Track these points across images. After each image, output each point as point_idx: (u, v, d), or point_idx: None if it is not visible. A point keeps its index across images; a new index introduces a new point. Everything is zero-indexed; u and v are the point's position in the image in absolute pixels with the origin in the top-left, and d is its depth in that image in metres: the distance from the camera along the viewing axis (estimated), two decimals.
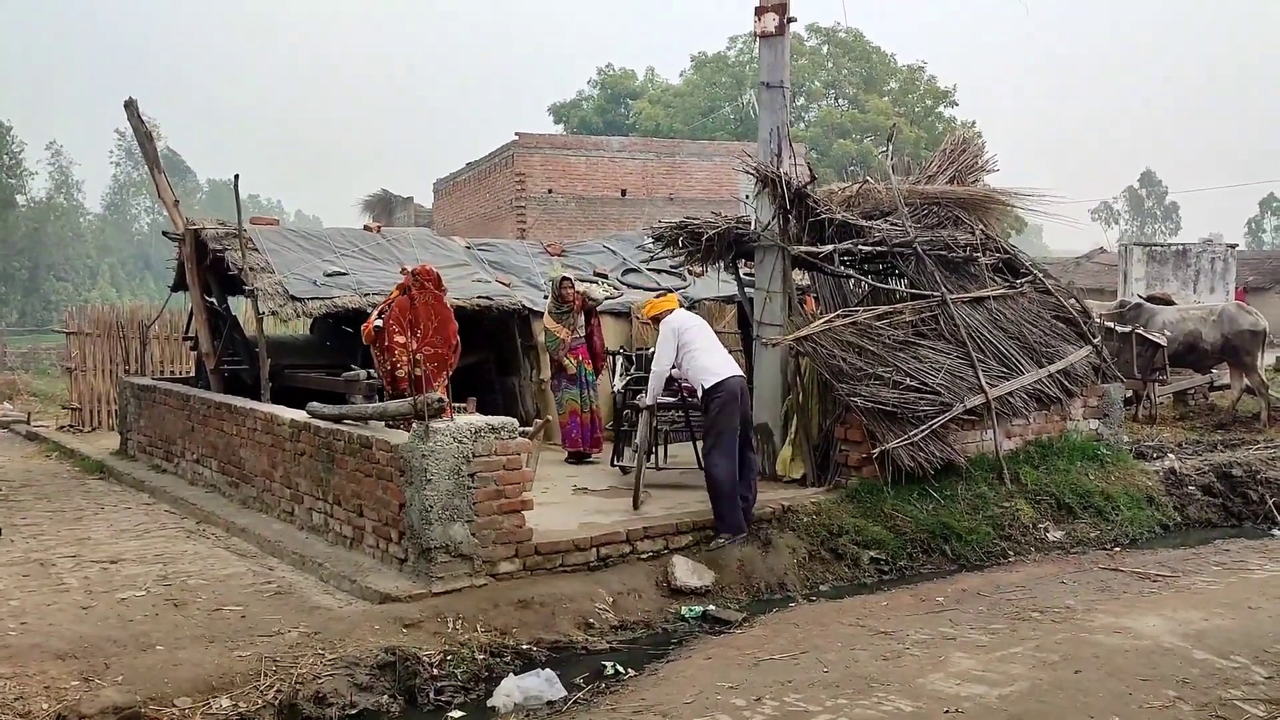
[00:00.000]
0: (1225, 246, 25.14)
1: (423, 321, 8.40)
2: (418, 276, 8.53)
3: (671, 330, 8.11)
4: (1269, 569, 8.16)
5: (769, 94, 9.58)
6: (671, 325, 8.15)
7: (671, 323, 8.18)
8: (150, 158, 11.78)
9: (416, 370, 8.03)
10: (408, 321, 8.39)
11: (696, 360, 8.02)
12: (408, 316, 8.40)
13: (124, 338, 15.35)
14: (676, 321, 8.20)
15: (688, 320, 8.31)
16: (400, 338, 8.36)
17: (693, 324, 8.27)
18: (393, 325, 8.40)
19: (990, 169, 10.92)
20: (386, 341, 8.41)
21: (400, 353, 8.33)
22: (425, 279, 8.53)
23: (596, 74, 51.05)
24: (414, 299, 8.43)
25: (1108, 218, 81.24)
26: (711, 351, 8.11)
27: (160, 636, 6.15)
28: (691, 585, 7.44)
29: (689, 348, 8.05)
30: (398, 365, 8.36)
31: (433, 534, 6.84)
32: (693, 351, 8.04)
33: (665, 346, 8.11)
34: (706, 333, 8.29)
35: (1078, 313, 10.69)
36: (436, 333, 8.47)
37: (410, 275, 8.60)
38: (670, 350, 8.08)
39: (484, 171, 26.73)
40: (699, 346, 8.07)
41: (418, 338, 8.36)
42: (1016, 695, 5.51)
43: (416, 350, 8.21)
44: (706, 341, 8.17)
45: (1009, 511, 9.08)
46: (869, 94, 43.68)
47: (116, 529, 9.07)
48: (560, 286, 10.72)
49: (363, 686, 5.75)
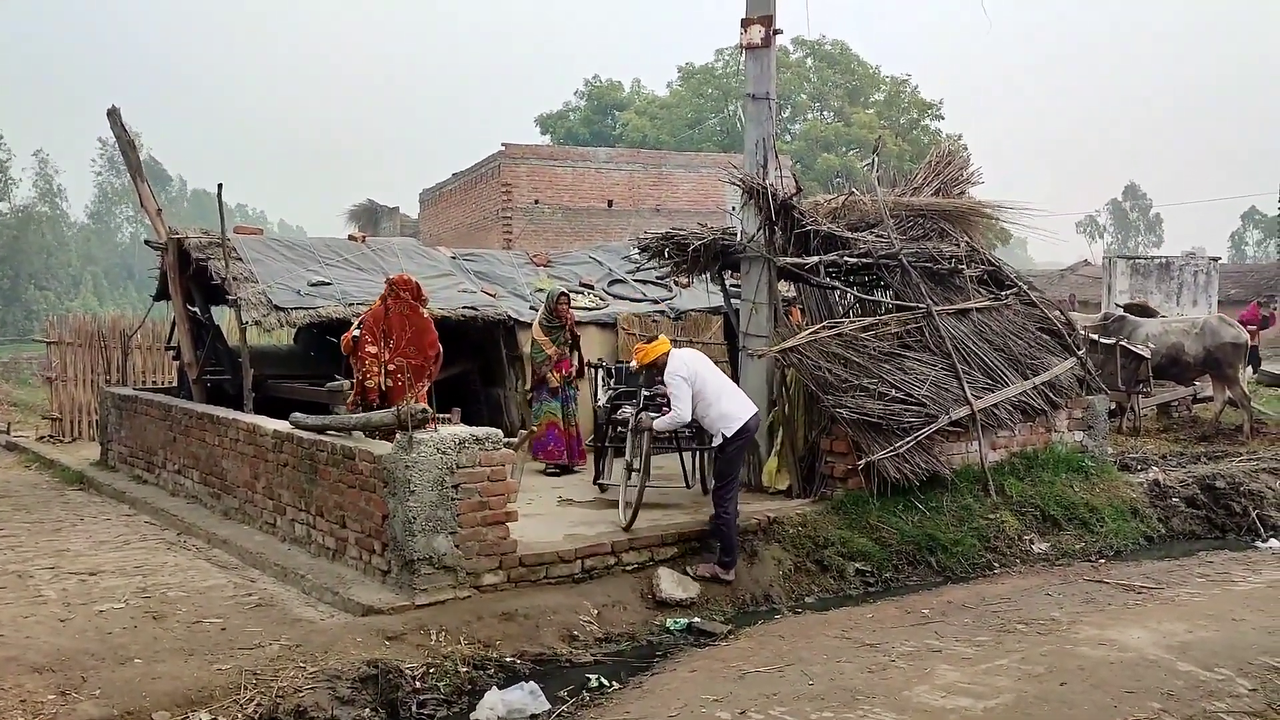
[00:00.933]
0: (1208, 259, 25.31)
1: (395, 331, 8.34)
2: (394, 285, 8.49)
3: (684, 380, 7.72)
4: (1252, 581, 8.18)
5: (755, 106, 9.59)
6: (682, 375, 7.74)
7: (680, 371, 7.77)
8: (133, 166, 11.71)
9: (386, 381, 7.99)
10: (380, 331, 8.35)
11: (715, 408, 7.75)
12: (381, 326, 8.36)
13: (105, 347, 15.22)
14: (686, 369, 7.79)
15: (695, 364, 7.89)
16: (371, 348, 8.31)
17: (702, 368, 7.89)
18: (365, 335, 8.36)
19: (975, 181, 10.96)
20: (359, 351, 8.37)
21: (370, 362, 8.29)
22: (402, 288, 8.48)
23: (583, 85, 51.18)
24: (389, 308, 8.40)
25: (1092, 231, 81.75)
26: (727, 394, 7.88)
27: (139, 649, 6.08)
28: (676, 597, 7.41)
29: (703, 396, 7.74)
30: (367, 375, 8.30)
31: (416, 546, 6.79)
32: (708, 399, 7.75)
33: (682, 397, 7.71)
34: (715, 372, 8.00)
35: (1062, 325, 10.72)
36: (411, 342, 8.39)
37: (387, 284, 8.57)
38: (687, 402, 7.70)
39: (470, 182, 26.68)
40: (713, 391, 7.79)
41: (390, 347, 8.31)
42: (1002, 708, 5.49)
43: (389, 360, 8.16)
44: (719, 383, 7.91)
45: (994, 523, 9.09)
46: (854, 107, 43.88)
47: (96, 540, 8.97)
48: (557, 303, 10.60)
49: (344, 700, 5.69)
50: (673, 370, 7.81)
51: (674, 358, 7.90)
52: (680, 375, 7.76)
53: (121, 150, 11.75)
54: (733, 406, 7.80)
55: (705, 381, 7.78)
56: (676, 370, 7.80)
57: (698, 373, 7.80)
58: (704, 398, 7.75)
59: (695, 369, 7.82)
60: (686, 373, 7.76)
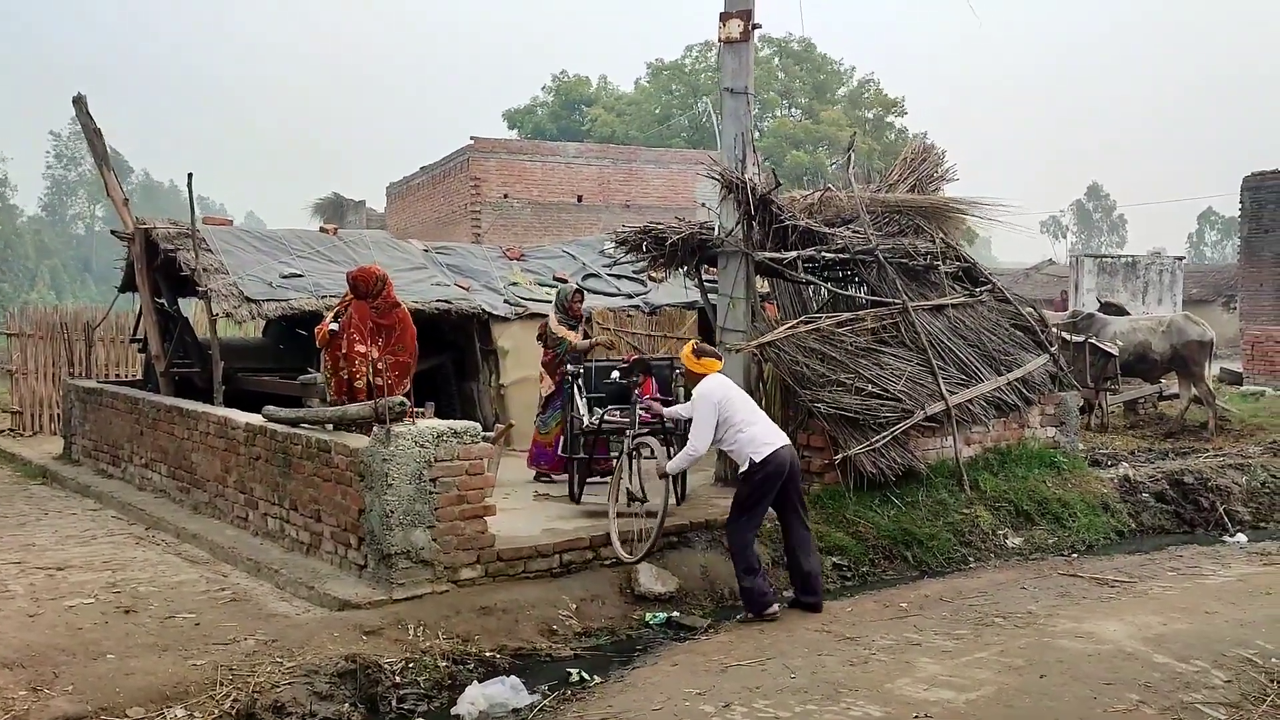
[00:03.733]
0: (1173, 259, 25.69)
1: (385, 329, 8.20)
2: (380, 280, 8.28)
3: (713, 405, 7.15)
4: (1222, 575, 8.28)
5: (733, 100, 9.57)
6: (712, 399, 7.17)
7: (712, 395, 7.19)
8: (99, 154, 11.49)
9: (377, 380, 7.85)
10: (369, 329, 8.18)
11: (744, 433, 7.14)
12: (369, 323, 8.19)
13: (68, 340, 14.95)
14: (718, 394, 7.21)
15: (728, 389, 7.34)
16: (361, 346, 8.13)
17: (734, 394, 7.35)
18: (353, 334, 8.17)
19: (950, 178, 11.02)
20: (345, 350, 8.16)
21: (360, 362, 8.10)
22: (381, 281, 8.27)
23: (551, 80, 51.01)
24: (377, 305, 8.21)
25: (1056, 231, 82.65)
26: (757, 420, 7.30)
27: (111, 645, 5.96)
28: (656, 592, 7.39)
29: (730, 422, 7.15)
30: (356, 375, 8.11)
31: (393, 540, 6.72)
32: (735, 424, 7.15)
33: (704, 422, 7.14)
34: (745, 399, 7.50)
35: (1035, 321, 10.81)
36: (398, 340, 8.27)
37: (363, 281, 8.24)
38: (709, 427, 7.14)
39: (438, 176, 26.50)
40: (743, 418, 7.20)
41: (379, 345, 8.16)
42: (984, 700, 5.51)
43: (378, 359, 8.00)
44: (748, 409, 7.35)
45: (969, 518, 9.15)
46: (821, 104, 44.06)
47: (62, 535, 8.80)
48: (571, 300, 10.18)
49: (323, 695, 5.62)
50: (703, 393, 7.24)
51: (707, 381, 7.32)
52: (710, 400, 7.19)
53: (87, 138, 11.54)
54: (760, 431, 7.19)
55: (734, 406, 7.22)
56: (707, 394, 7.23)
57: (729, 396, 7.25)
58: (729, 424, 7.15)
59: (727, 393, 7.27)
60: (717, 397, 7.20)
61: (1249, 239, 25.96)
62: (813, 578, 7.27)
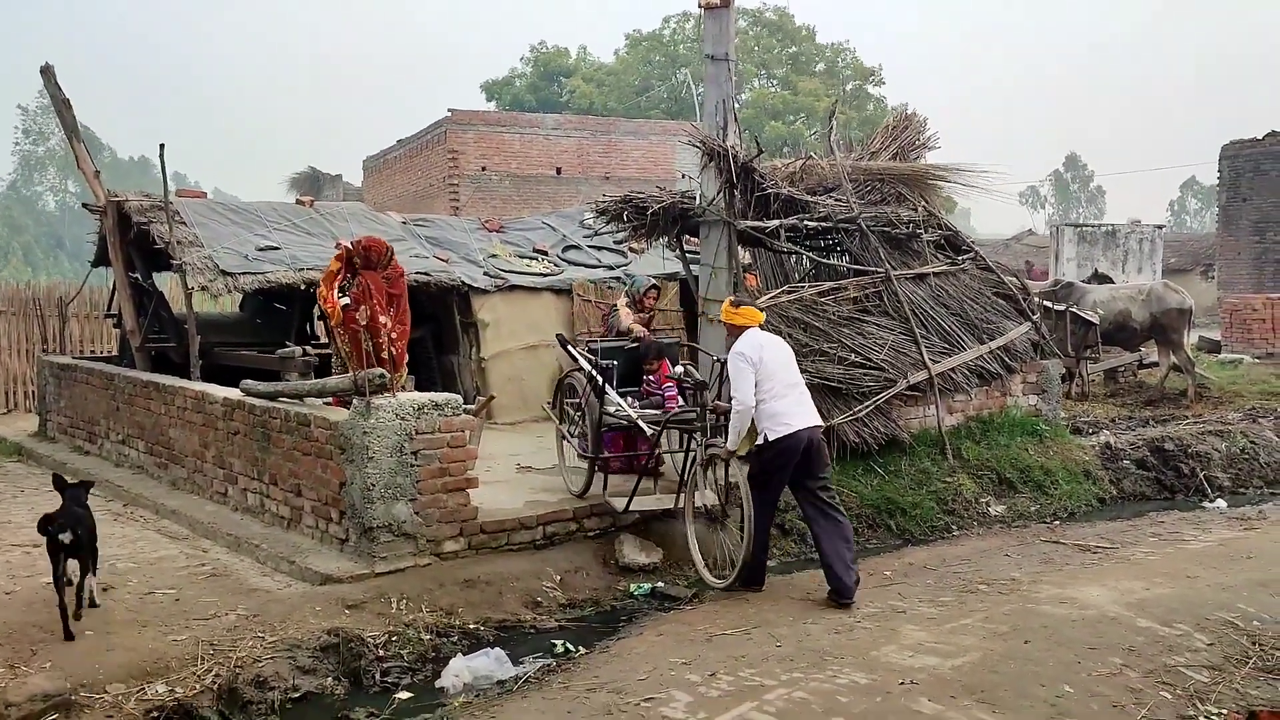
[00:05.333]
0: (1153, 228, 25.77)
1: (397, 299, 8.10)
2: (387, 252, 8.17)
3: (748, 363, 6.65)
4: (1203, 540, 8.33)
5: (714, 66, 9.45)
6: (748, 356, 6.66)
7: (747, 353, 6.68)
8: (69, 126, 11.28)
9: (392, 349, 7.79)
10: (382, 299, 7.97)
11: (767, 404, 6.66)
12: (384, 293, 8.01)
13: (41, 315, 14.75)
14: (753, 352, 6.70)
15: (764, 349, 6.80)
16: (384, 317, 7.95)
17: (770, 355, 6.78)
18: (375, 304, 7.95)
19: (932, 146, 10.96)
20: (368, 321, 7.88)
21: (383, 332, 7.93)
22: (387, 252, 8.16)
23: (529, 51, 50.53)
24: (388, 276, 8.09)
25: (1034, 202, 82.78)
26: (786, 393, 6.74)
27: (89, 622, 5.90)
28: (640, 562, 7.37)
29: (762, 388, 6.65)
30: (381, 346, 7.93)
31: (375, 513, 6.66)
32: (763, 392, 6.65)
33: (742, 377, 6.63)
34: (785, 367, 6.87)
35: (1017, 290, 10.80)
36: (404, 309, 8.21)
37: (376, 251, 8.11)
38: (748, 384, 6.60)
39: (415, 149, 26.22)
40: (771, 386, 6.66)
41: (392, 315, 8.05)
42: (969, 665, 5.52)
43: (391, 328, 7.92)
44: (783, 378, 6.78)
45: (952, 486, 9.17)
46: (798, 75, 43.88)
47: (38, 512, 8.56)
48: (645, 294, 9.49)
49: (305, 669, 5.58)
50: (738, 351, 6.75)
51: (744, 338, 6.84)
52: (747, 357, 6.68)
53: (56, 109, 11.31)
54: (783, 406, 6.67)
55: (769, 371, 6.69)
56: (742, 351, 6.73)
57: (764, 358, 6.71)
58: (762, 390, 6.66)
59: (762, 353, 6.73)
60: (753, 355, 6.69)
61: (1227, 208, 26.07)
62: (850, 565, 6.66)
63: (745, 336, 6.84)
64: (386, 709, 5.34)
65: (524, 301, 12.26)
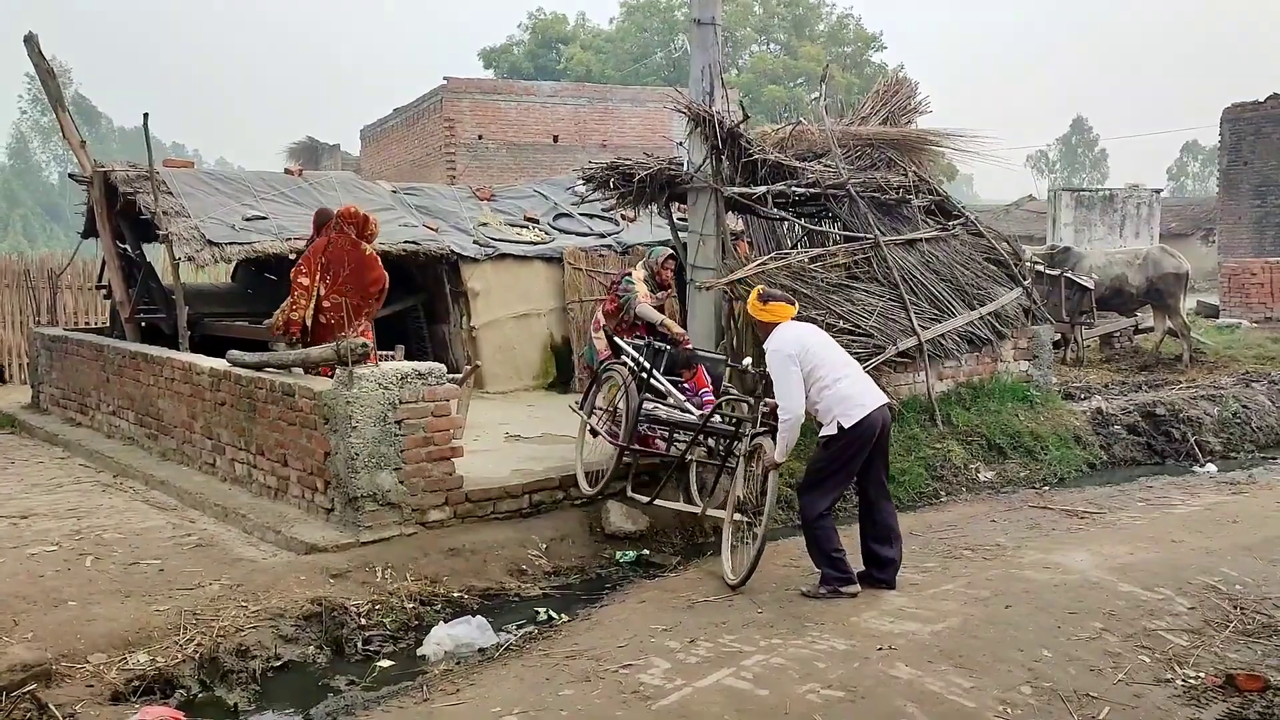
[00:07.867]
0: (1150, 192, 25.59)
1: (335, 266, 8.05)
2: (340, 218, 8.18)
3: (787, 358, 6.10)
4: (1190, 504, 8.34)
5: (700, 31, 9.36)
6: (786, 352, 6.11)
7: (785, 349, 6.13)
8: (53, 96, 11.21)
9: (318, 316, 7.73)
10: (319, 264, 8.03)
11: (831, 389, 6.12)
12: (320, 258, 8.05)
13: (33, 287, 14.75)
14: (792, 346, 6.14)
15: (804, 338, 6.28)
16: (304, 279, 7.98)
17: (812, 342, 6.29)
18: (301, 265, 8.05)
19: (923, 110, 10.86)
20: (307, 284, 8.04)
21: (300, 295, 7.96)
22: (348, 221, 8.17)
23: (527, 18, 50.17)
24: (331, 241, 8.09)
25: (1042, 166, 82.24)
26: (846, 372, 6.25)
27: (72, 592, 5.91)
28: (626, 530, 7.37)
29: (814, 376, 6.13)
30: (293, 307, 7.96)
31: (359, 483, 6.66)
32: (821, 379, 6.14)
33: (788, 378, 6.08)
34: (829, 346, 6.42)
35: (1009, 255, 10.74)
36: (349, 280, 8.05)
37: (334, 215, 8.24)
38: (796, 383, 6.07)
39: (412, 118, 26.04)
40: (828, 370, 6.17)
41: (327, 282, 8.01)
42: (949, 631, 5.54)
43: (324, 296, 7.88)
44: (835, 359, 6.30)
45: (941, 453, 9.16)
46: (800, 40, 43.54)
47: (28, 484, 8.72)
48: (663, 265, 8.77)
49: (288, 638, 5.60)
50: (774, 349, 6.19)
51: (778, 333, 6.28)
52: (785, 353, 6.13)
53: (41, 79, 11.24)
54: (855, 389, 6.17)
55: (817, 358, 6.19)
56: (778, 348, 6.17)
57: (807, 348, 6.20)
58: (815, 378, 6.14)
59: (804, 343, 6.23)
60: (793, 349, 6.14)
61: (1227, 171, 25.89)
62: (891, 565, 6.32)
63: (779, 331, 6.29)
64: (367, 677, 5.36)
65: (514, 270, 12.22)
